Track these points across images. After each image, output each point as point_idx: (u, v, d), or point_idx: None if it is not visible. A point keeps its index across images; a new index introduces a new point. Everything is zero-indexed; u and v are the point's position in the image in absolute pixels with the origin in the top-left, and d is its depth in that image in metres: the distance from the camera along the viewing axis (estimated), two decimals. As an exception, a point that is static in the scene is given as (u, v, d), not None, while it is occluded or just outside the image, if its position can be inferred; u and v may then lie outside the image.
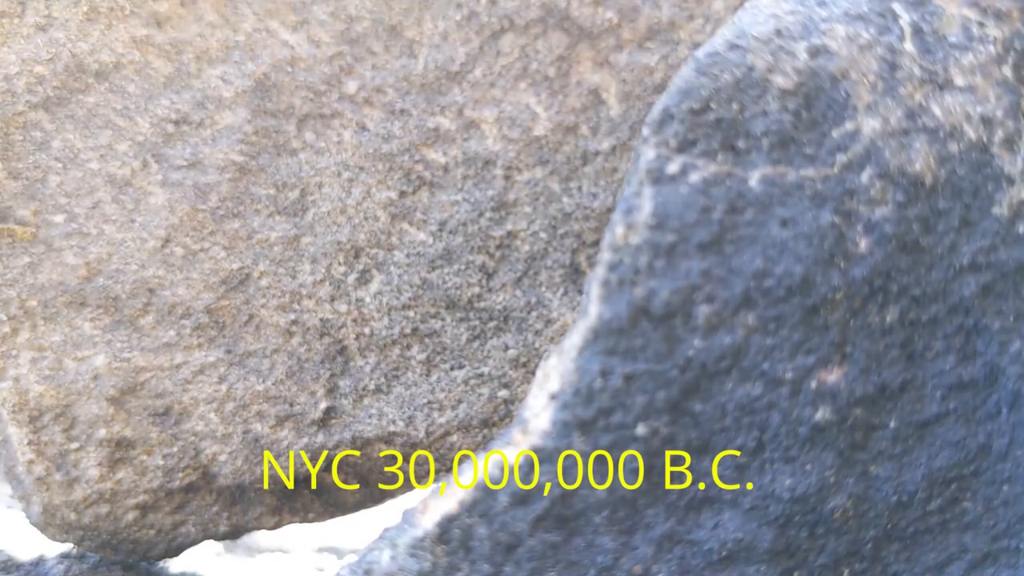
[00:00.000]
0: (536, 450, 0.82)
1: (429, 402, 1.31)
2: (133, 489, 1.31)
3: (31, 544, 1.49)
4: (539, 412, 0.83)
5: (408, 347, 1.30)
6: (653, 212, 0.82)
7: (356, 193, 1.28)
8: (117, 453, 1.30)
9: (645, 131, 0.85)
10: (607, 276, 0.83)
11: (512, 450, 0.83)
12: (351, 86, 1.26)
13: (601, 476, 0.83)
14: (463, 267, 1.28)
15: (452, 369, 1.31)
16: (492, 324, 1.30)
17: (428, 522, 0.84)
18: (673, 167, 0.83)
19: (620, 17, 1.24)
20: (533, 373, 1.30)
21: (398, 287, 1.29)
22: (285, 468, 1.33)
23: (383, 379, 1.31)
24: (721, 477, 0.85)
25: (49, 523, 1.33)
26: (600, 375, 0.82)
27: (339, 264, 1.29)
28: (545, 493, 0.83)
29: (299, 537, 1.69)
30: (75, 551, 1.44)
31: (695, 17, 1.24)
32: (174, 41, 1.25)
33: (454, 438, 1.32)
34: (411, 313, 1.30)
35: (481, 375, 1.30)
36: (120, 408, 1.29)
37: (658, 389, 0.83)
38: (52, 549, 1.46)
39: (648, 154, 0.84)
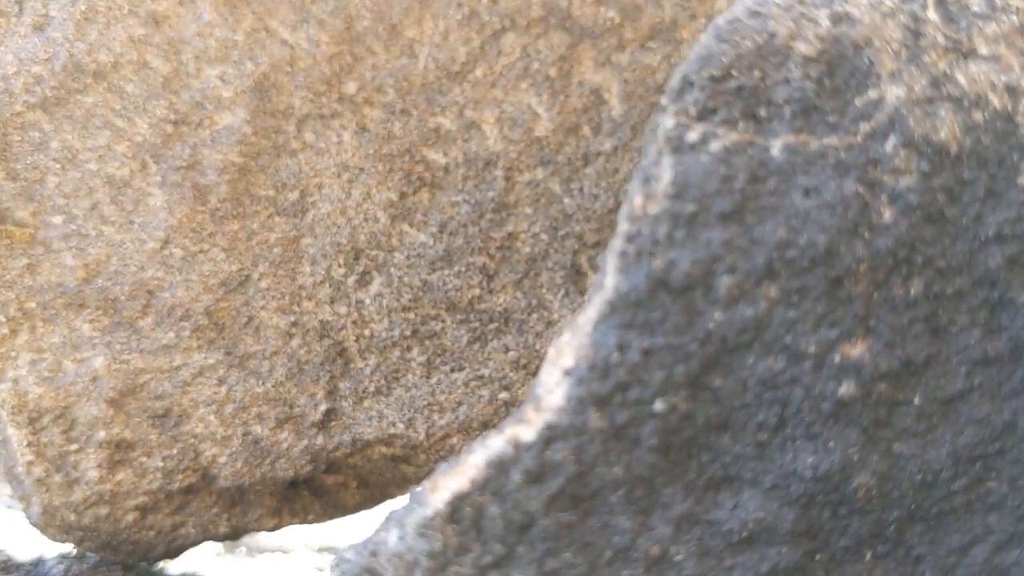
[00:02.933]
0: (550, 427, 0.79)
1: (429, 404, 1.30)
2: (133, 490, 1.31)
3: (31, 544, 1.49)
4: (553, 388, 0.80)
5: (408, 349, 1.30)
6: (673, 181, 0.80)
7: (356, 194, 1.28)
8: (117, 455, 1.30)
9: (664, 99, 0.83)
10: (624, 247, 0.80)
11: (525, 427, 0.80)
12: (351, 86, 1.25)
13: (618, 454, 0.80)
14: (463, 268, 1.28)
15: (452, 371, 1.30)
16: (493, 326, 1.29)
17: (438, 501, 0.80)
18: (693, 135, 0.81)
19: (622, 17, 1.23)
20: (534, 375, 1.30)
21: (398, 289, 1.29)
22: (285, 470, 1.33)
23: (383, 381, 1.31)
24: (742, 455, 0.82)
25: (49, 524, 1.33)
26: (617, 349, 0.79)
27: (339, 266, 1.29)
28: (560, 471, 0.80)
29: (299, 537, 1.69)
30: (75, 551, 1.44)
31: (698, 16, 1.23)
32: (172, 41, 1.24)
33: (454, 440, 1.32)
34: (411, 315, 1.29)
35: (481, 377, 1.30)
36: (119, 410, 1.29)
37: (677, 363, 0.80)
38: (52, 549, 1.46)
39: (667, 123, 0.81)
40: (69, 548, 1.44)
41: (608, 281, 0.80)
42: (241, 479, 1.32)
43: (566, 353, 0.80)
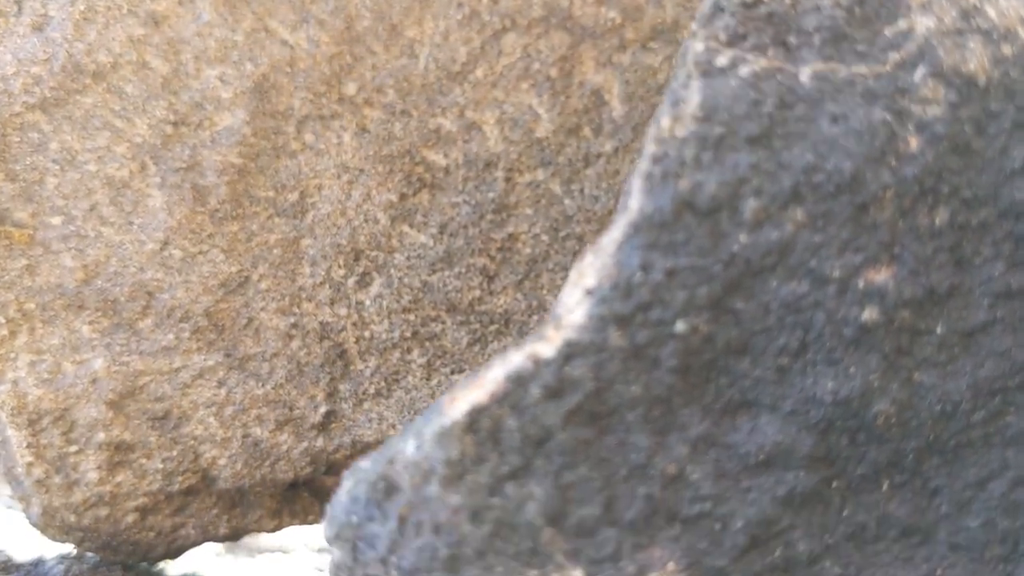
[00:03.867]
0: (570, 344, 0.79)
1: (429, 406, 1.30)
2: (133, 492, 1.31)
3: (31, 544, 1.49)
4: (573, 307, 0.80)
5: (408, 350, 1.30)
6: (701, 104, 0.80)
7: (356, 195, 1.27)
8: (116, 456, 1.29)
9: (694, 26, 0.83)
10: (650, 168, 0.80)
11: (545, 344, 0.80)
12: (351, 87, 1.25)
13: (637, 373, 0.80)
14: (464, 270, 1.27)
15: (453, 373, 1.30)
16: (493, 327, 1.29)
17: (456, 412, 0.81)
18: (722, 60, 0.81)
19: (623, 17, 1.22)
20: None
21: (398, 290, 1.28)
22: (285, 472, 1.33)
23: (383, 383, 1.30)
24: (761, 379, 0.82)
25: (49, 525, 1.33)
26: (640, 269, 0.79)
27: (339, 267, 1.28)
28: (578, 388, 0.80)
29: (299, 538, 1.69)
30: (75, 552, 1.44)
31: (699, 17, 1.23)
32: (172, 41, 1.23)
33: (455, 442, 1.31)
34: (411, 316, 1.29)
35: (482, 379, 1.30)
36: (119, 412, 1.28)
37: (700, 285, 0.80)
38: (52, 549, 1.46)
39: (697, 47, 0.82)
40: (69, 548, 1.44)
41: (633, 202, 0.80)
42: (241, 481, 1.32)
43: (588, 274, 0.80)
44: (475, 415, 0.80)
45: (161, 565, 1.46)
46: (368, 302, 1.29)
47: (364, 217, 1.27)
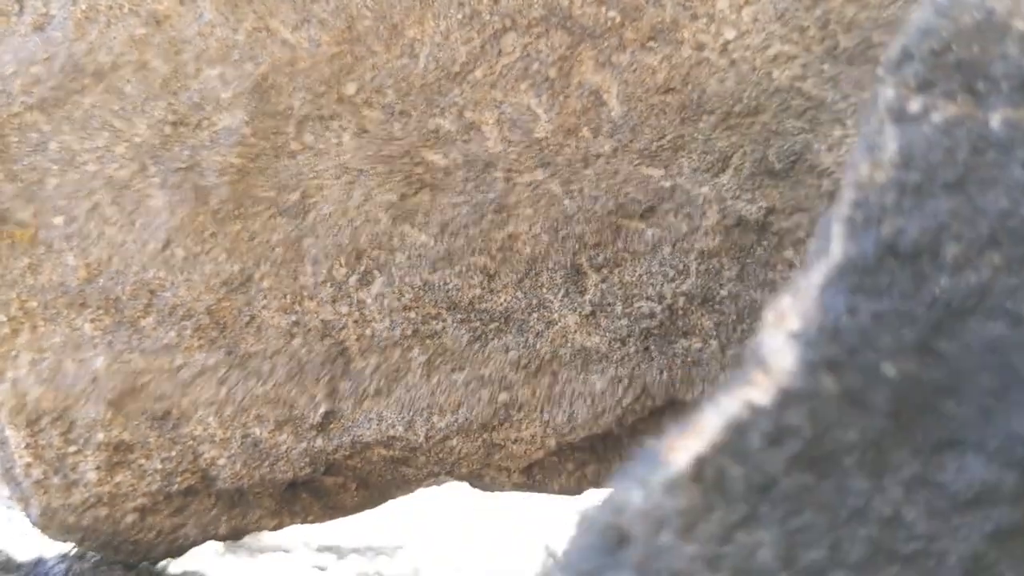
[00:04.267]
0: (784, 390, 0.82)
1: (429, 406, 1.30)
2: (132, 492, 1.31)
3: (31, 544, 1.48)
4: (779, 351, 0.82)
5: (409, 348, 1.30)
6: (899, 151, 0.84)
7: (357, 195, 1.27)
8: (115, 456, 1.29)
9: (880, 71, 0.87)
10: (852, 213, 0.84)
11: (758, 391, 0.82)
12: (351, 87, 1.25)
13: (851, 417, 0.83)
14: (464, 269, 1.28)
15: (453, 371, 1.30)
16: (493, 325, 1.29)
17: (680, 461, 0.82)
18: (914, 106, 0.85)
19: (623, 17, 1.23)
20: (534, 375, 1.30)
21: (399, 289, 1.29)
22: (284, 472, 1.33)
23: (383, 381, 1.31)
24: (967, 419, 0.85)
25: (48, 525, 1.33)
26: (847, 312, 0.82)
27: (340, 266, 1.28)
28: (797, 434, 0.82)
29: (300, 536, 1.69)
30: (75, 551, 1.43)
31: (699, 16, 1.23)
32: (173, 40, 1.23)
33: (454, 442, 1.32)
34: (412, 314, 1.29)
35: (482, 377, 1.30)
36: (119, 411, 1.28)
37: (905, 327, 0.83)
38: (52, 549, 1.46)
39: (888, 93, 0.86)
40: (70, 547, 1.43)
41: (835, 247, 0.84)
42: (240, 481, 1.32)
43: (790, 317, 0.83)
44: (700, 465, 0.82)
45: (163, 564, 1.46)
46: (369, 300, 1.29)
47: (365, 217, 1.28)
